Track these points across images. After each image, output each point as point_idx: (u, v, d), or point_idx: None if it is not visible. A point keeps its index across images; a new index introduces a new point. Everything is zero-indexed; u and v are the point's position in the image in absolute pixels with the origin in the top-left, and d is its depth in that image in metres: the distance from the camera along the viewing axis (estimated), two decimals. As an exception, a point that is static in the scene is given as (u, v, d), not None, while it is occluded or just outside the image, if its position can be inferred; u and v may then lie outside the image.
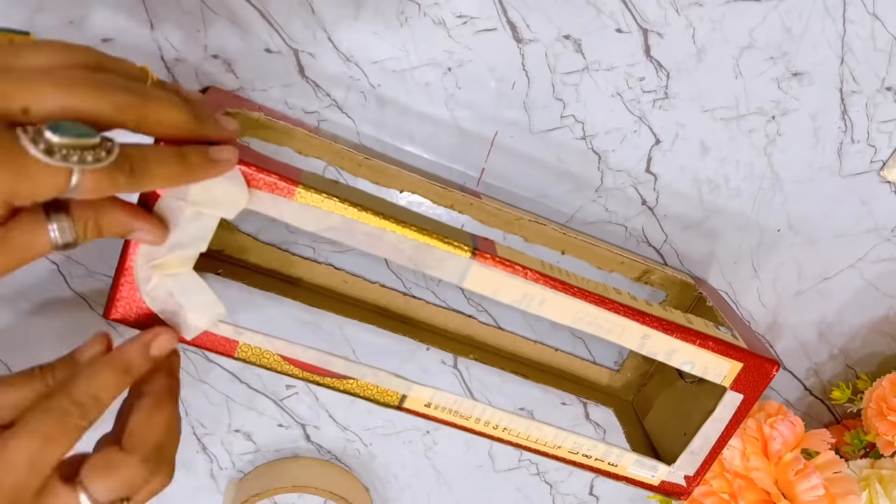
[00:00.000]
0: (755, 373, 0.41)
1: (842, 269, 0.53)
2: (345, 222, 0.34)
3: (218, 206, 0.32)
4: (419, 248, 0.35)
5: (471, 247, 0.35)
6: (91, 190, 0.26)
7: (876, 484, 0.49)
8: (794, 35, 0.45)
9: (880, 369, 0.58)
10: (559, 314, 0.37)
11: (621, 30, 0.43)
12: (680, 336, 0.39)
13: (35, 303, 0.49)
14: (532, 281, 0.36)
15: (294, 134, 0.41)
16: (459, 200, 0.44)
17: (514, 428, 0.41)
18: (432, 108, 0.45)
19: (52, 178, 0.25)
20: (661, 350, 0.39)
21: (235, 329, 0.37)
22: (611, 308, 0.38)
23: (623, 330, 0.38)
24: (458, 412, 0.40)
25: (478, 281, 0.36)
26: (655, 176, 0.48)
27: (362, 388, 0.38)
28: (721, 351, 0.40)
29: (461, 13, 0.42)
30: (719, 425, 0.42)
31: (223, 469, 0.57)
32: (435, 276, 0.36)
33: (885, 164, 0.50)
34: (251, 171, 0.32)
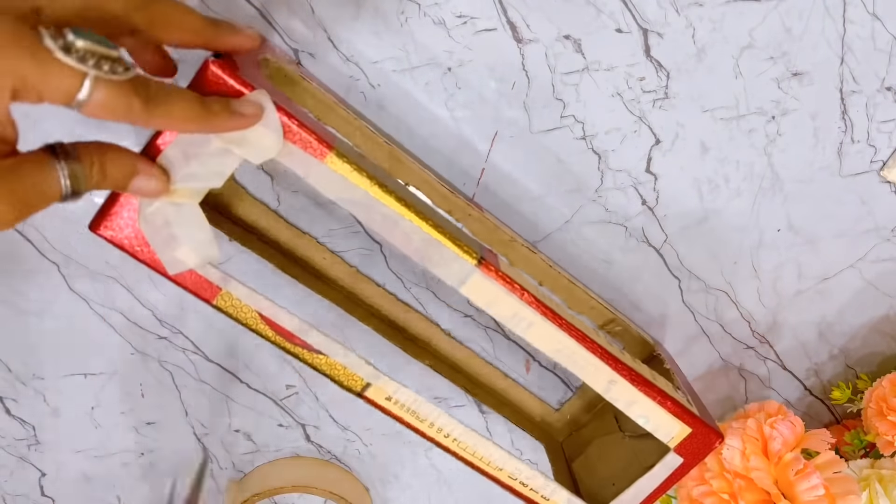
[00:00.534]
0: (700, 440, 0.42)
1: (842, 269, 0.53)
2: (367, 199, 0.33)
3: (248, 148, 0.31)
4: (430, 243, 0.35)
5: (478, 255, 0.36)
6: (101, 105, 0.26)
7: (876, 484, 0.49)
8: (794, 35, 0.45)
9: (880, 369, 0.58)
10: (541, 341, 0.38)
11: (621, 30, 0.43)
12: (644, 389, 0.40)
13: (35, 303, 0.49)
14: (526, 303, 0.37)
15: (321, 98, 0.41)
16: (460, 208, 0.44)
17: (463, 441, 0.41)
18: (432, 108, 0.45)
19: (64, 79, 0.24)
20: (624, 398, 0.40)
21: (223, 276, 0.36)
22: (590, 348, 0.39)
23: (595, 371, 0.39)
24: (416, 413, 0.40)
25: (476, 289, 0.36)
26: (655, 176, 0.48)
27: (330, 365, 0.38)
28: (677, 413, 0.41)
29: (461, 13, 0.42)
30: (654, 482, 0.44)
31: (223, 469, 0.57)
32: (436, 274, 0.36)
33: (885, 164, 0.50)
34: (291, 123, 0.31)
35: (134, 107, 0.27)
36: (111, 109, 0.26)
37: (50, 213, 0.46)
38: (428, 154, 0.46)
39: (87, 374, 0.52)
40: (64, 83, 0.25)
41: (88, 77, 0.25)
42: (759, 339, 0.56)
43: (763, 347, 0.56)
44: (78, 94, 0.25)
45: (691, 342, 0.55)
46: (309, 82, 0.39)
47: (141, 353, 0.52)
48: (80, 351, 0.51)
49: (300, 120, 0.32)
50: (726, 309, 0.54)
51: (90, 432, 0.54)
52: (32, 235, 0.47)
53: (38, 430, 0.54)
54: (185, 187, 0.32)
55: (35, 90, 0.25)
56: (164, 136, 0.31)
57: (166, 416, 0.54)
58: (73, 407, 0.53)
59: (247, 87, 0.30)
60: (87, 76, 0.25)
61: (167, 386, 0.53)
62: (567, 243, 0.50)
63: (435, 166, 0.47)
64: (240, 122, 0.30)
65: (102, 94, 0.26)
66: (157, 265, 0.34)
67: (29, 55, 0.24)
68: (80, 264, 0.48)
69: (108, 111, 0.26)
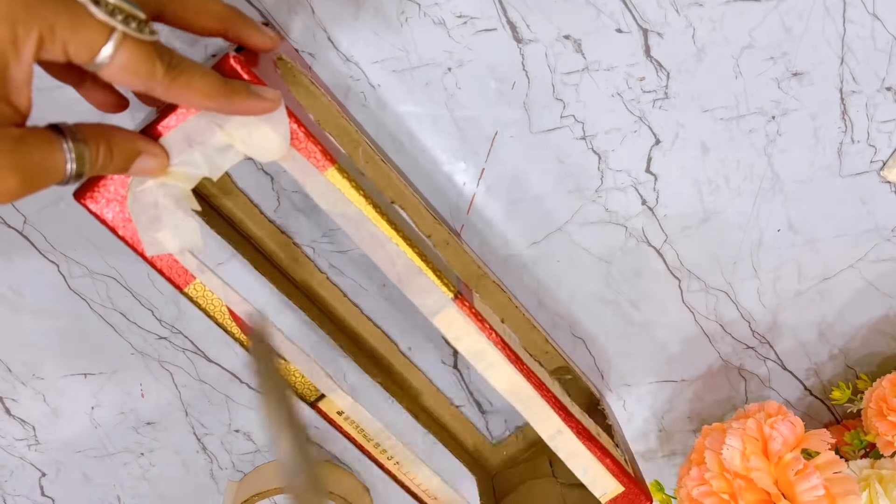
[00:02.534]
0: (630, 500, 0.44)
1: (842, 269, 0.53)
2: (358, 216, 0.34)
3: (252, 147, 0.31)
4: (411, 269, 0.35)
5: (455, 289, 0.36)
6: (125, 66, 0.25)
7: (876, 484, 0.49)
8: (794, 35, 0.45)
9: (880, 369, 0.58)
10: (499, 381, 0.39)
11: (621, 30, 0.43)
12: (588, 444, 0.42)
13: (35, 303, 0.49)
14: (493, 343, 0.38)
15: (325, 106, 0.41)
16: (439, 233, 0.45)
17: (405, 465, 0.42)
18: (432, 108, 0.45)
19: (91, 31, 0.24)
20: (567, 449, 0.42)
21: (200, 265, 0.35)
22: (545, 396, 0.40)
23: (546, 418, 0.40)
24: (363, 431, 0.40)
25: (447, 322, 0.37)
26: (655, 176, 0.48)
27: (289, 371, 0.38)
28: (613, 471, 0.43)
29: (461, 13, 0.42)
30: None
31: (223, 469, 0.57)
32: (412, 300, 0.36)
33: (885, 164, 0.50)
34: (300, 131, 0.32)
35: (157, 72, 0.26)
36: (134, 70, 0.26)
37: (50, 213, 0.46)
38: (428, 154, 0.46)
39: (87, 374, 0.52)
40: (91, 36, 0.24)
41: (116, 33, 0.25)
42: (759, 339, 0.56)
43: (763, 347, 0.56)
44: (102, 50, 0.25)
45: (691, 342, 0.55)
46: (317, 88, 0.40)
47: (141, 353, 0.52)
48: (80, 351, 0.51)
49: (308, 129, 0.32)
50: (726, 309, 0.54)
51: (90, 432, 0.54)
52: (32, 235, 0.47)
53: (37, 430, 0.54)
54: (180, 171, 0.31)
55: (61, 41, 0.24)
56: (168, 119, 0.30)
57: (166, 416, 0.54)
58: (73, 407, 0.53)
59: (262, 86, 0.30)
60: (114, 32, 0.25)
61: (167, 386, 0.53)
62: (567, 243, 0.50)
63: (434, 167, 0.47)
64: (259, 106, 0.30)
65: (127, 53, 0.25)
66: (137, 245, 0.33)
67: (62, 3, 0.24)
68: (80, 264, 0.48)
69: (131, 72, 0.26)
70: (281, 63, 0.37)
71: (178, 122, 0.30)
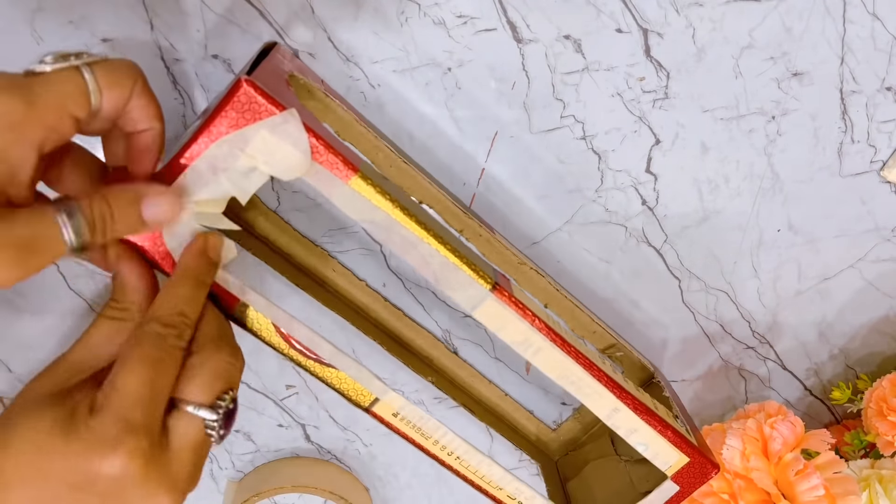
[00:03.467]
0: (697, 470, 0.43)
1: (842, 269, 0.53)
2: (387, 221, 0.34)
3: (275, 167, 0.32)
4: (446, 267, 0.35)
5: (493, 280, 0.36)
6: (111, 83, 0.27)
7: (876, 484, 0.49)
8: (794, 35, 0.45)
9: (880, 369, 0.58)
10: (549, 367, 0.39)
11: (621, 30, 0.43)
12: (646, 418, 0.41)
13: (35, 303, 0.49)
14: (537, 329, 0.37)
15: (341, 116, 0.41)
16: (471, 228, 0.44)
17: (466, 459, 0.42)
18: (432, 108, 0.45)
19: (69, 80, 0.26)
20: (625, 426, 0.41)
21: (241, 286, 0.35)
22: (597, 375, 0.39)
23: (599, 397, 0.40)
24: (421, 430, 0.40)
25: (488, 314, 0.37)
26: (655, 176, 0.48)
27: (340, 379, 0.38)
28: (676, 442, 0.42)
29: (461, 13, 0.42)
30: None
31: (223, 469, 0.57)
32: (451, 297, 0.36)
33: (885, 164, 0.50)
34: (319, 144, 0.32)
35: (137, 71, 0.28)
36: (119, 81, 0.28)
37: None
38: (428, 154, 0.46)
39: (87, 374, 0.52)
40: (72, 84, 0.26)
41: (82, 68, 0.27)
42: (759, 339, 0.56)
43: (763, 347, 0.56)
44: (88, 86, 0.26)
45: (691, 342, 0.55)
46: (332, 99, 0.40)
47: (141, 353, 0.52)
48: (80, 351, 0.51)
49: (327, 141, 0.32)
50: (726, 309, 0.54)
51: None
52: (32, 235, 0.47)
53: (38, 430, 0.54)
54: (209, 199, 0.32)
55: (64, 112, 0.26)
56: (189, 151, 0.31)
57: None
58: (73, 407, 0.53)
59: (278, 107, 0.30)
60: (80, 69, 0.27)
61: (167, 386, 0.53)
62: (567, 243, 0.50)
63: (435, 167, 0.47)
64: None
65: (105, 72, 0.27)
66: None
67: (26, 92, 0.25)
68: (80, 264, 0.48)
69: (120, 85, 0.28)
70: (293, 80, 0.37)
71: (201, 151, 0.31)
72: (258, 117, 0.30)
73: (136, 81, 0.28)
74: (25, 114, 0.25)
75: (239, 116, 0.30)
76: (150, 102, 0.30)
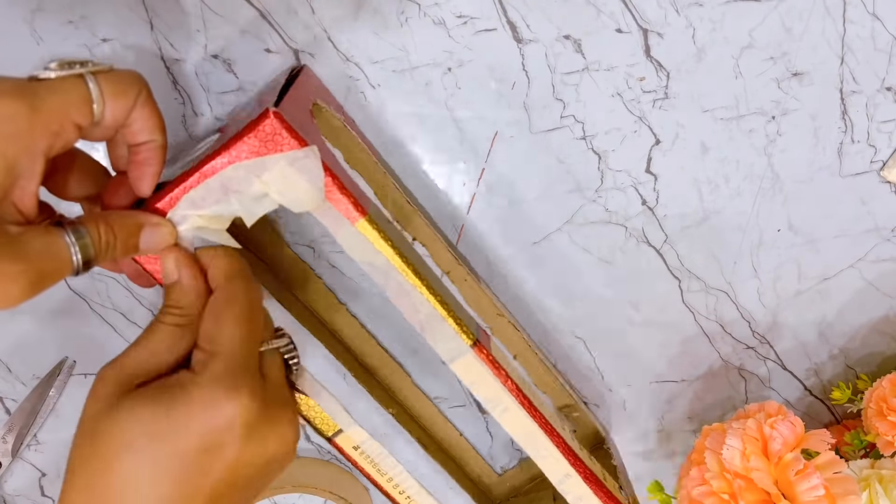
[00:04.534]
0: None
1: (842, 269, 0.53)
2: (386, 266, 0.35)
3: (287, 198, 0.32)
4: (434, 318, 0.36)
5: (474, 336, 0.37)
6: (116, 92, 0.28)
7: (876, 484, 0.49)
8: (794, 35, 0.45)
9: (880, 369, 0.58)
10: (513, 427, 0.40)
11: (621, 30, 0.43)
12: (594, 488, 0.43)
13: (35, 303, 0.49)
14: (508, 390, 0.38)
15: (354, 147, 0.42)
16: (458, 272, 0.46)
17: (416, 499, 0.42)
18: (432, 108, 0.45)
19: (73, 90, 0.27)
20: (574, 492, 0.43)
21: None
22: (556, 442, 0.41)
23: (555, 462, 0.41)
24: (377, 466, 0.41)
25: (464, 368, 0.38)
26: (655, 176, 0.48)
27: (308, 407, 0.38)
28: None
29: (461, 13, 0.42)
30: None
31: (223, 469, 0.57)
32: (432, 345, 0.37)
33: (885, 164, 0.50)
34: (334, 186, 0.32)
35: (142, 82, 0.29)
36: (123, 90, 0.28)
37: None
38: (428, 154, 0.46)
39: (87, 375, 0.52)
40: (76, 93, 0.26)
41: (87, 77, 0.27)
42: (759, 339, 0.56)
43: (763, 347, 0.56)
44: (92, 94, 0.27)
45: (691, 342, 0.55)
46: (350, 130, 0.41)
47: (141, 353, 0.52)
48: (80, 351, 0.51)
49: (342, 181, 0.33)
50: (726, 309, 0.54)
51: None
52: (32, 235, 0.47)
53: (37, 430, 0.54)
54: (216, 214, 0.32)
55: (67, 119, 0.26)
56: (207, 167, 0.31)
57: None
58: (73, 407, 0.53)
59: (301, 143, 0.31)
60: (85, 77, 0.27)
61: (167, 386, 0.53)
62: (567, 243, 0.50)
63: (435, 166, 0.47)
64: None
65: (109, 82, 0.27)
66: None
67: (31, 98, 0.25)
68: (80, 264, 0.48)
69: (124, 93, 0.28)
70: (316, 109, 0.38)
71: (217, 169, 0.31)
72: (279, 149, 0.31)
73: (139, 92, 0.29)
74: (30, 120, 0.25)
75: (261, 145, 0.31)
76: (153, 114, 0.30)
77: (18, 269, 0.25)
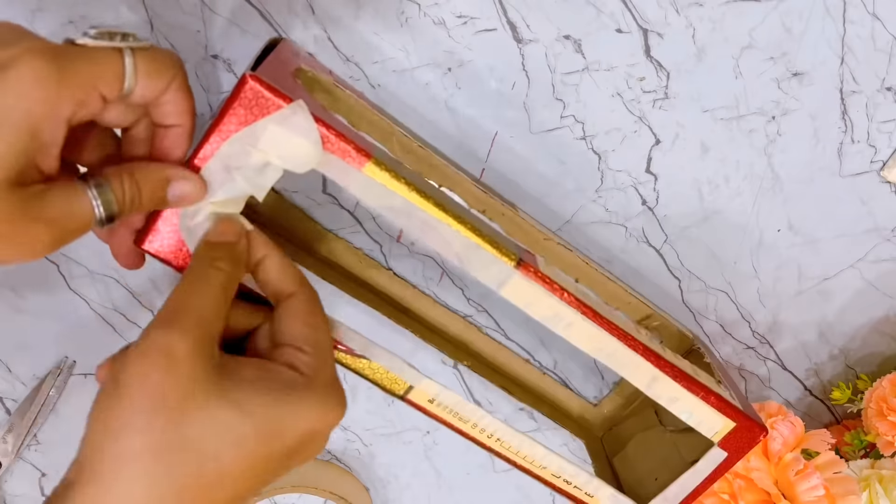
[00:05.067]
0: (744, 434, 0.41)
1: (842, 269, 0.53)
2: (405, 205, 0.33)
3: (288, 160, 0.31)
4: (469, 247, 0.35)
5: (516, 257, 0.36)
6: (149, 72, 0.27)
7: (876, 484, 0.49)
8: (794, 35, 0.45)
9: (880, 369, 0.58)
10: (582, 340, 0.38)
11: (621, 30, 0.43)
12: (686, 385, 0.40)
13: (35, 303, 0.49)
14: (566, 303, 0.37)
15: (353, 105, 0.41)
16: (494, 207, 0.44)
17: (507, 440, 0.41)
18: (432, 109, 0.45)
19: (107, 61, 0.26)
20: (666, 395, 0.40)
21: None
22: (632, 346, 0.38)
23: (636, 368, 0.39)
24: (459, 414, 0.40)
25: (515, 291, 0.36)
26: (655, 176, 0.48)
27: (373, 370, 0.37)
28: (720, 408, 0.41)
29: (461, 13, 0.42)
30: (698, 477, 0.43)
31: (223, 469, 0.57)
32: (476, 276, 0.36)
33: (885, 164, 0.50)
34: (330, 134, 0.32)
35: (179, 66, 0.28)
36: (157, 71, 0.27)
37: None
38: (428, 154, 0.46)
39: (87, 374, 0.52)
40: (109, 64, 0.26)
41: (124, 51, 0.26)
42: (759, 339, 0.56)
43: (763, 347, 0.56)
44: (126, 69, 0.26)
45: (691, 342, 0.55)
46: (343, 90, 0.40)
47: (141, 353, 0.52)
48: (80, 351, 0.51)
49: (338, 130, 0.32)
50: (726, 309, 0.54)
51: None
52: (32, 235, 0.47)
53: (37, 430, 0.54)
54: (226, 199, 0.32)
55: (93, 88, 0.26)
56: (202, 152, 0.31)
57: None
58: (73, 407, 0.53)
59: (285, 100, 0.30)
60: (122, 51, 0.26)
61: (167, 386, 0.53)
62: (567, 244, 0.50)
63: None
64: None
65: (145, 60, 0.27)
66: None
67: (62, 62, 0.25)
68: (79, 264, 0.48)
69: (158, 75, 0.27)
70: (300, 73, 0.37)
71: (213, 151, 0.31)
72: (266, 112, 0.30)
73: (175, 75, 0.28)
74: (58, 85, 0.24)
75: (247, 113, 0.30)
76: (186, 98, 0.29)
77: (42, 224, 0.25)
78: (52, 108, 0.25)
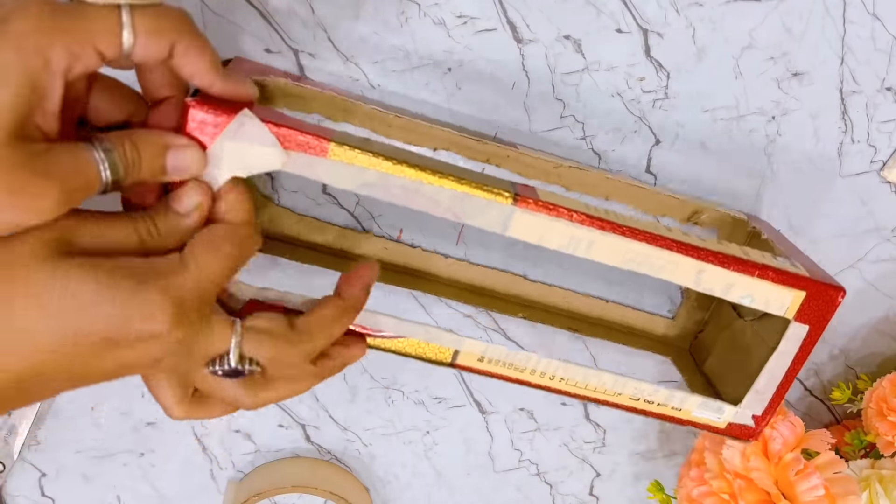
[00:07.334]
0: (819, 301, 0.38)
1: (842, 269, 0.53)
2: (380, 177, 0.33)
3: (253, 170, 0.31)
4: (457, 199, 0.34)
5: (511, 193, 0.34)
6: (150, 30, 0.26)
7: (876, 484, 0.49)
8: (794, 35, 0.45)
9: (880, 369, 0.58)
10: (609, 256, 0.36)
11: (621, 30, 0.43)
12: (737, 268, 0.37)
13: (35, 303, 0.49)
14: (578, 223, 0.35)
15: (322, 98, 0.40)
16: (495, 153, 0.42)
17: (570, 377, 0.39)
18: (432, 109, 0.45)
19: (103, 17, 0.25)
20: (718, 285, 0.37)
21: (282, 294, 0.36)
22: (663, 245, 0.36)
23: (676, 267, 0.36)
24: (513, 365, 0.38)
25: (522, 228, 0.35)
26: (655, 176, 0.48)
27: (413, 346, 0.37)
28: (781, 280, 0.37)
29: (461, 13, 0.42)
30: (785, 360, 0.40)
31: (223, 469, 0.57)
32: (477, 225, 0.34)
33: (885, 164, 0.50)
34: (283, 132, 0.32)
35: (182, 24, 0.27)
36: (158, 30, 0.26)
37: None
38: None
39: (87, 374, 0.52)
40: (105, 20, 0.25)
41: (123, 7, 0.26)
42: (759, 339, 0.56)
43: (763, 347, 0.56)
44: (124, 26, 0.26)
45: (691, 342, 0.55)
46: (314, 89, 0.39)
47: (141, 353, 0.52)
48: (80, 351, 0.51)
49: (291, 125, 0.32)
50: (726, 309, 0.54)
51: (90, 432, 0.54)
52: (32, 235, 0.47)
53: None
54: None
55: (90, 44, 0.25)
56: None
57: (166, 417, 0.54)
58: (73, 407, 0.53)
59: (230, 114, 0.30)
60: (120, 7, 0.26)
61: (167, 386, 0.53)
62: (567, 243, 0.50)
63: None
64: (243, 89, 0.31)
65: (146, 18, 0.26)
66: None
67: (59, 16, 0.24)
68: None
69: (159, 34, 0.27)
70: (260, 86, 0.37)
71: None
72: (217, 132, 0.30)
73: (179, 35, 0.27)
74: (50, 37, 0.24)
75: (200, 137, 0.30)
76: (199, 57, 0.28)
77: (47, 183, 0.25)
78: (45, 59, 0.24)
